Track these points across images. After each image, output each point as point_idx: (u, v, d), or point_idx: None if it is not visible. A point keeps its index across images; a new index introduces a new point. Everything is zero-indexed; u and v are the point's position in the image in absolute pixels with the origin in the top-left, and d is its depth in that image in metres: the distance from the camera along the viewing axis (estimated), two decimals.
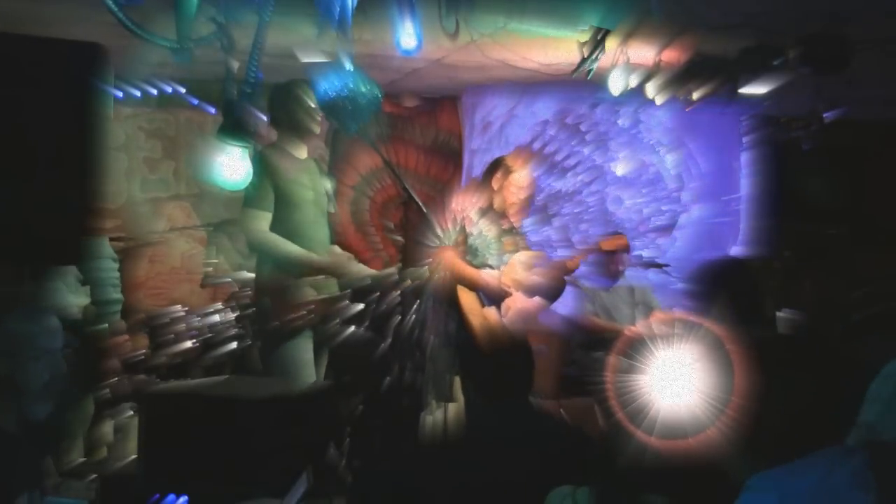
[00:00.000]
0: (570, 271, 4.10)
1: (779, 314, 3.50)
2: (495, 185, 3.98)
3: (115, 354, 3.37)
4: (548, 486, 1.95)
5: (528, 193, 4.04)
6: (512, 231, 4.06)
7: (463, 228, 3.90)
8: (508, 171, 3.99)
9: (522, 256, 3.97)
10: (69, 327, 3.25)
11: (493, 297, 3.88)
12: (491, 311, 3.85)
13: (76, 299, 3.30)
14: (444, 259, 3.80)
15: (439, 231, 3.88)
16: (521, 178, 3.99)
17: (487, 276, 3.86)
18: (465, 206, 3.84)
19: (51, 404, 2.56)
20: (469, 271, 3.84)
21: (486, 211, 3.95)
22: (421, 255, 3.81)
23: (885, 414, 2.05)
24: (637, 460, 1.81)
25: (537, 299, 3.88)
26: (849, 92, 4.58)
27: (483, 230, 3.86)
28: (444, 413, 3.79)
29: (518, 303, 3.89)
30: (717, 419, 1.76)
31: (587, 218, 6.18)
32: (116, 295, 3.30)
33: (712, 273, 2.83)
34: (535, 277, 3.93)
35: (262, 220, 3.53)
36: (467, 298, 3.82)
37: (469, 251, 3.90)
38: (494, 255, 3.96)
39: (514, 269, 3.93)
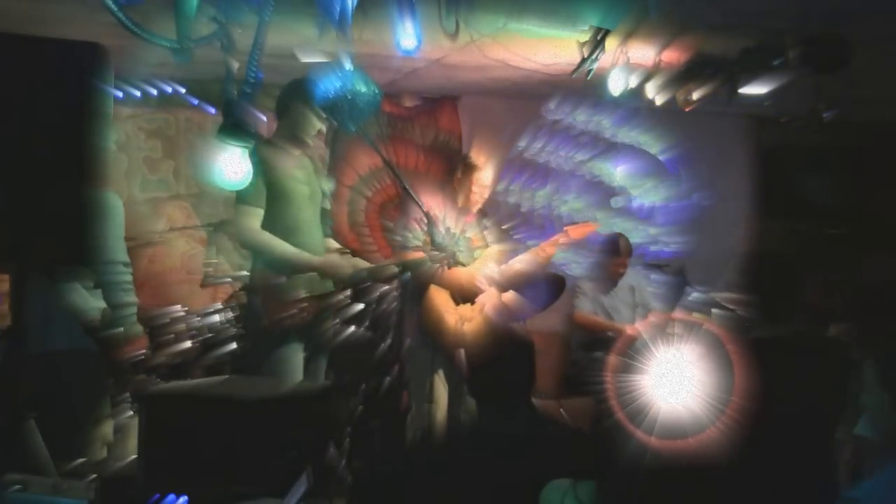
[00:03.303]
0: (542, 261, 4.07)
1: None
2: (456, 183, 3.98)
3: (132, 359, 3.37)
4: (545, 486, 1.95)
5: (490, 190, 4.04)
6: (479, 227, 4.04)
7: (430, 228, 3.87)
8: (469, 169, 3.98)
9: (493, 252, 3.95)
10: (87, 330, 3.25)
11: (466, 294, 3.86)
12: (466, 310, 3.82)
13: (95, 302, 3.30)
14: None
15: (408, 233, 3.87)
16: (482, 175, 3.98)
17: (459, 274, 3.82)
18: (430, 206, 3.81)
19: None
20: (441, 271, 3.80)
21: (452, 209, 3.92)
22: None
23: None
24: (637, 460, 1.81)
25: (513, 294, 3.85)
26: (849, 92, 4.58)
27: (450, 228, 3.82)
28: (428, 413, 3.78)
29: (494, 299, 3.87)
30: (717, 419, 1.77)
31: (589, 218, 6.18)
32: (128, 298, 3.30)
33: (764, 269, 2.80)
34: (509, 272, 3.91)
35: (254, 217, 3.51)
36: (441, 298, 3.80)
37: (438, 250, 3.85)
38: (464, 252, 3.92)
39: (486, 264, 3.91)
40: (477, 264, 3.84)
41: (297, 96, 3.61)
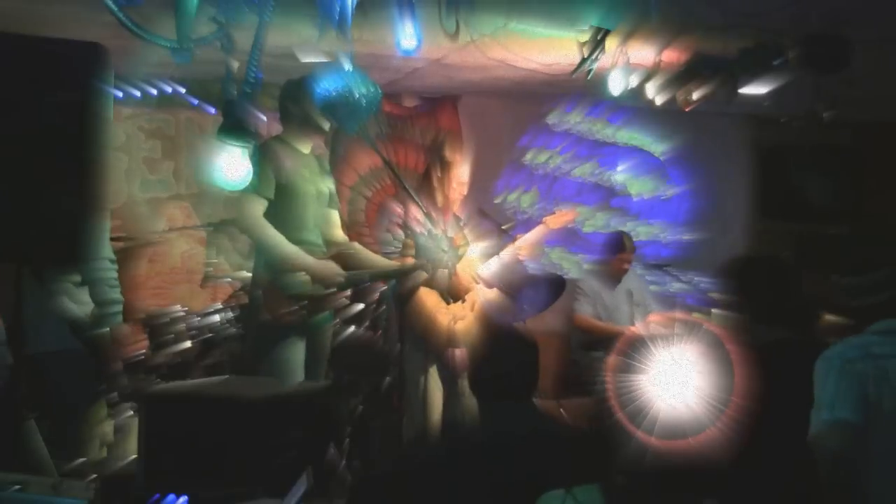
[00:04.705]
0: (525, 254, 4.05)
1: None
2: (435, 182, 3.95)
3: (121, 357, 3.37)
4: (547, 486, 1.95)
5: (467, 186, 4.01)
6: (458, 225, 4.02)
7: (412, 230, 3.85)
8: (447, 167, 3.96)
9: (476, 249, 3.94)
10: (74, 331, 3.25)
11: (456, 293, 3.84)
12: (458, 308, 3.81)
13: (82, 298, 3.29)
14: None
15: (391, 236, 3.85)
16: (460, 172, 3.96)
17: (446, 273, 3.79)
18: (409, 208, 3.78)
19: None
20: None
21: (431, 209, 3.90)
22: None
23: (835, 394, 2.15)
24: (636, 460, 1.81)
25: (503, 290, 3.83)
26: (849, 92, 4.58)
27: (431, 229, 3.79)
28: (422, 415, 3.77)
29: (484, 296, 3.85)
30: (717, 419, 1.77)
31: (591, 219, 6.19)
32: (115, 295, 3.29)
33: (750, 269, 2.83)
34: (493, 268, 3.90)
35: (257, 205, 3.50)
36: (431, 298, 3.79)
37: (421, 252, 3.83)
38: (447, 251, 3.89)
39: (471, 262, 3.89)
40: (462, 263, 3.83)
41: (295, 98, 3.60)
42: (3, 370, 2.56)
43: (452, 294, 3.83)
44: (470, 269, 3.87)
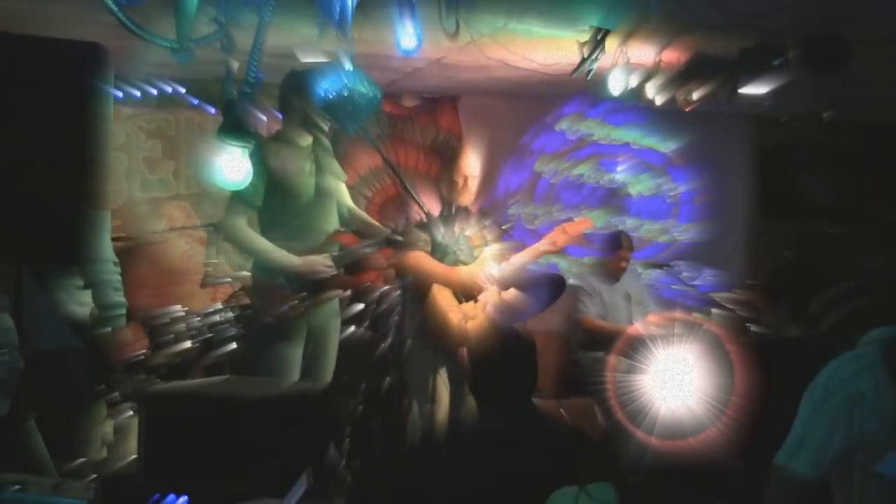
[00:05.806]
0: (539, 257, 4.06)
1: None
2: (459, 179, 3.95)
3: (122, 357, 3.36)
4: (547, 486, 1.95)
5: (478, 182, 4.02)
6: (478, 225, 4.02)
7: (429, 228, 3.85)
8: (462, 166, 3.96)
9: (493, 249, 3.94)
10: (76, 330, 3.24)
11: (468, 293, 3.85)
12: (470, 307, 3.81)
13: (83, 299, 3.29)
14: (414, 260, 3.75)
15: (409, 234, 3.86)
16: (470, 168, 3.96)
17: (461, 272, 3.79)
18: (428, 206, 3.78)
19: (7, 403, 2.58)
20: (440, 269, 3.77)
21: (450, 207, 3.90)
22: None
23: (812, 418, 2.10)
24: (636, 460, 1.81)
25: (514, 292, 3.84)
26: (849, 92, 4.58)
27: (450, 227, 3.79)
28: (429, 414, 3.77)
29: (495, 297, 3.86)
30: (717, 419, 1.77)
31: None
32: (118, 298, 3.28)
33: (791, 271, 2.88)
34: (509, 270, 3.90)
35: (239, 214, 3.53)
36: (444, 296, 3.79)
37: (438, 250, 3.83)
38: (464, 251, 3.90)
39: (486, 262, 3.89)
40: (477, 263, 3.83)
41: (298, 90, 3.60)
42: (15, 374, 2.56)
43: (466, 293, 3.84)
44: (484, 269, 3.88)
